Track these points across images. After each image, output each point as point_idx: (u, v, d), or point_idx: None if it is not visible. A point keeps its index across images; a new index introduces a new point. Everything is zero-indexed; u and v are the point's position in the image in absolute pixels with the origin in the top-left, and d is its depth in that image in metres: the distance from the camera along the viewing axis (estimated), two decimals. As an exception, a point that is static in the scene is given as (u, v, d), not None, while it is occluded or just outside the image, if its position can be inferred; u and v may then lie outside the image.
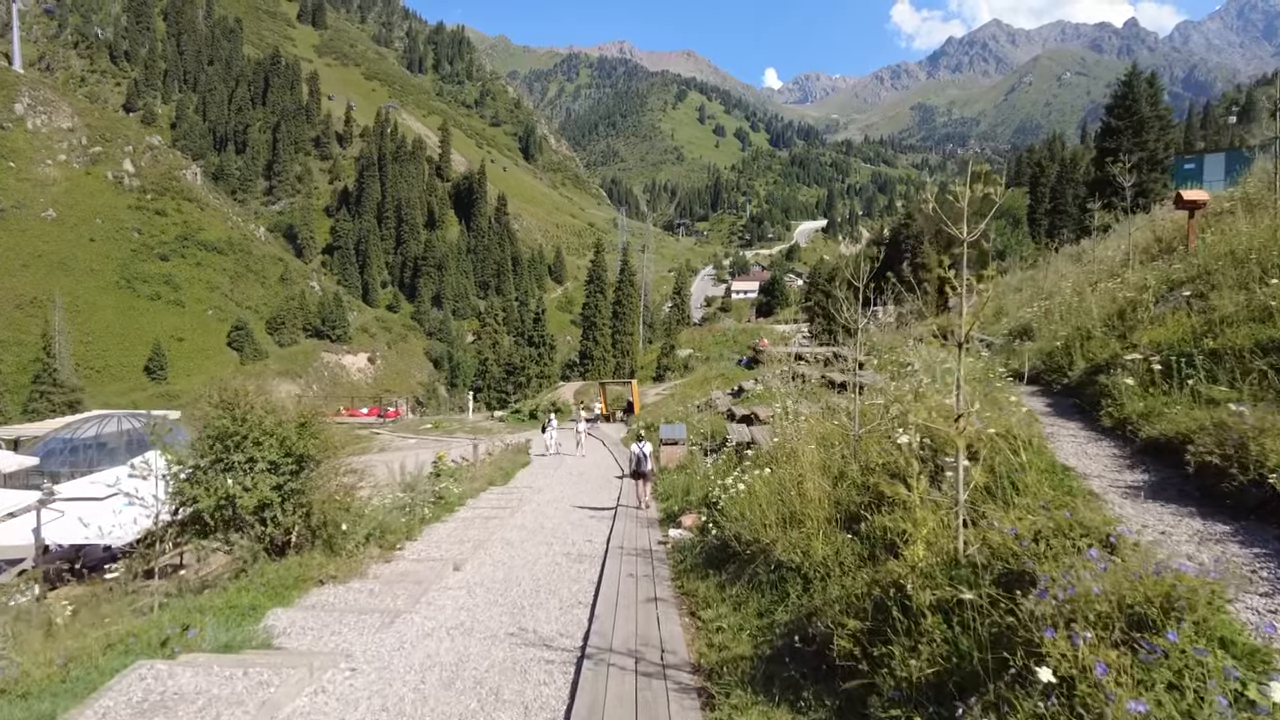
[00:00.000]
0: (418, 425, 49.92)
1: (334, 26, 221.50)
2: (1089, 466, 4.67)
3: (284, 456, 7.07)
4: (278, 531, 7.10)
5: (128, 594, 6.70)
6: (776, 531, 5.77)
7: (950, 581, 3.27)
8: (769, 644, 4.34)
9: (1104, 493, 3.98)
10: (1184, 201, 11.29)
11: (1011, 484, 4.10)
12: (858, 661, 3.32)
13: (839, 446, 6.71)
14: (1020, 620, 2.43)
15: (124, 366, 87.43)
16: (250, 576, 6.81)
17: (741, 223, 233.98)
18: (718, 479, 9.28)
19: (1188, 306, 7.27)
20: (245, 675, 4.35)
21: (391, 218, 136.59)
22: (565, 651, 5.31)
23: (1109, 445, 5.31)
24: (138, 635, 4.95)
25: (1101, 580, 2.31)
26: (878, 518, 4.75)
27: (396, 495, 10.43)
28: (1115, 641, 2.08)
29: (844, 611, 3.66)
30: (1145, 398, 5.50)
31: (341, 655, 5.19)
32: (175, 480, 7.03)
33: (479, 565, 8.38)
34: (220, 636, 5.19)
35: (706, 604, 5.79)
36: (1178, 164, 30.75)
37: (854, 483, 5.74)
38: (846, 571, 4.44)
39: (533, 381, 69.41)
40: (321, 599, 6.75)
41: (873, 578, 3.86)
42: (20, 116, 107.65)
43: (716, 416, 19.90)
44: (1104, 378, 6.79)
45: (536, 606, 6.63)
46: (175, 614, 5.54)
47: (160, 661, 4.46)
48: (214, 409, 6.99)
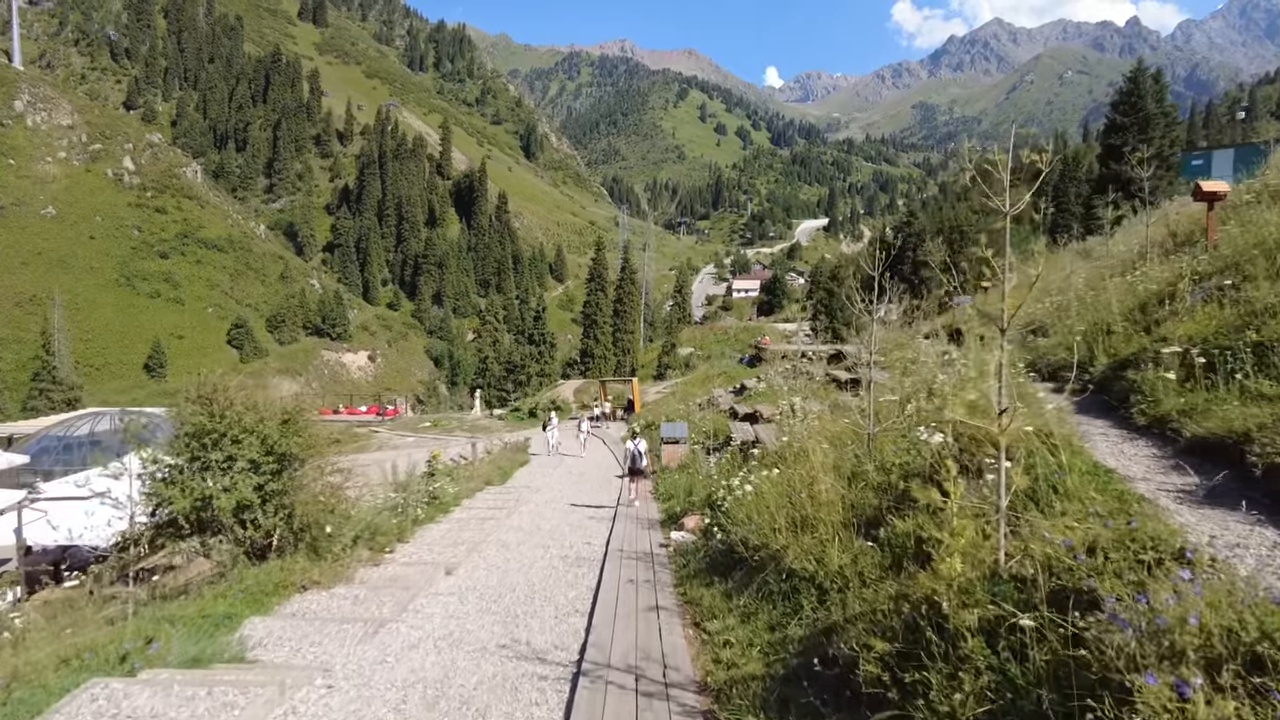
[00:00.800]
0: (416, 423, 49.57)
1: (335, 24, 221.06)
2: (1130, 468, 4.28)
3: (265, 455, 6.69)
4: (258, 534, 6.72)
5: (100, 601, 6.32)
6: (787, 536, 5.39)
7: (993, 599, 2.89)
8: (782, 662, 3.96)
9: (1154, 497, 3.60)
10: (1203, 193, 10.88)
11: (1051, 487, 3.72)
12: (886, 689, 2.94)
13: (851, 445, 6.34)
14: (1094, 653, 2.05)
15: (124, 364, 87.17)
16: (229, 582, 6.44)
17: (743, 221, 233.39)
18: (722, 479, 8.90)
19: (1220, 298, 6.88)
20: (209, 695, 3.97)
21: (392, 216, 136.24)
22: (560, 666, 4.93)
23: (1146, 444, 4.93)
24: (96, 650, 4.57)
25: (1191, 606, 1.92)
26: (900, 523, 4.37)
27: (388, 495, 10.05)
28: (1227, 686, 1.69)
29: (869, 630, 3.27)
30: (1184, 393, 5.11)
31: (319, 670, 4.81)
32: (151, 480, 6.66)
33: (472, 569, 8.00)
34: (189, 649, 4.81)
35: (712, 614, 5.40)
36: (1185, 160, 30.37)
37: (870, 484, 5.36)
38: (867, 583, 4.06)
39: (533, 380, 69.09)
40: (303, 606, 6.38)
41: (899, 591, 3.48)
42: (20, 113, 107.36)
43: (719, 415, 19.52)
44: (1133, 373, 6.41)
45: (531, 615, 6.25)
46: (142, 624, 5.16)
47: (116, 680, 4.08)
48: (191, 404, 6.61)
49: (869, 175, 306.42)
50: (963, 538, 3.03)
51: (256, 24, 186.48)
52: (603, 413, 41.33)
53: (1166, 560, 2.44)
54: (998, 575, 3.04)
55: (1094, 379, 7.61)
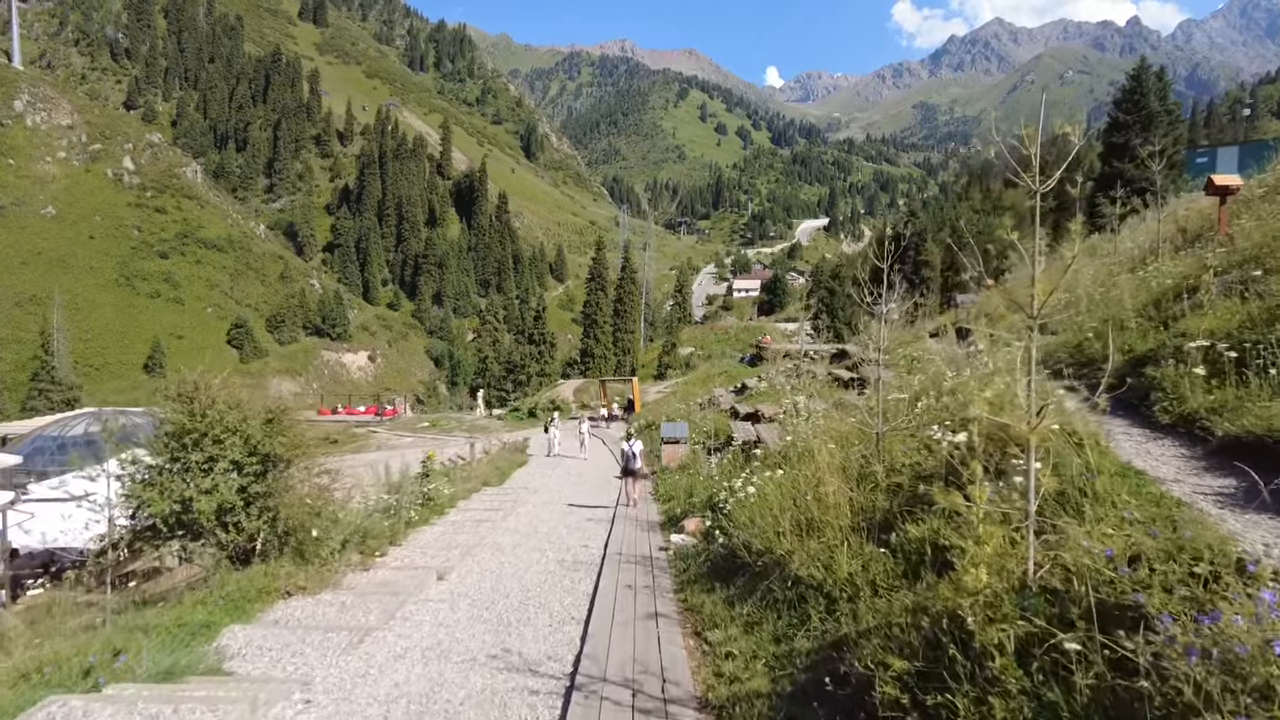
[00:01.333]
0: (415, 423, 49.31)
1: (335, 24, 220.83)
2: (1160, 469, 4.02)
3: (248, 456, 6.43)
4: (241, 538, 6.46)
5: (72, 609, 6.06)
6: (792, 541, 5.13)
7: (1022, 613, 2.63)
8: (789, 678, 3.69)
9: (1193, 501, 3.33)
10: (1216, 187, 10.65)
11: (1079, 490, 3.46)
12: (906, 712, 2.68)
13: (859, 446, 6.07)
14: (1154, 684, 1.78)
15: (123, 364, 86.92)
16: (210, 588, 6.18)
17: (743, 221, 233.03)
18: (723, 480, 8.65)
19: (1243, 292, 6.62)
20: (175, 713, 3.71)
21: (392, 216, 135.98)
22: (553, 679, 4.67)
23: (1172, 444, 4.66)
24: (59, 663, 4.30)
25: (1272, 631, 1.65)
26: (913, 527, 4.11)
27: (380, 497, 9.78)
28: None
29: (885, 647, 3.01)
30: (1213, 390, 4.85)
31: (298, 683, 4.55)
32: (130, 482, 6.40)
33: (465, 574, 7.74)
34: (161, 661, 4.55)
35: (713, 623, 5.14)
36: (1190, 157, 30.13)
37: (879, 486, 5.10)
38: (879, 592, 3.80)
39: (533, 379, 68.80)
40: (287, 613, 6.12)
41: (916, 603, 3.22)
42: (20, 113, 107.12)
43: (719, 414, 19.26)
44: (1152, 369, 6.15)
45: (524, 622, 5.98)
46: (113, 634, 4.90)
47: (77, 697, 3.82)
48: (170, 402, 6.35)
49: (869, 175, 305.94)
50: (988, 545, 2.76)
51: (257, 24, 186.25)
52: (609, 414, 39.60)
53: (1224, 574, 2.17)
54: (1027, 587, 2.78)
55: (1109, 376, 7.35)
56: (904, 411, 6.17)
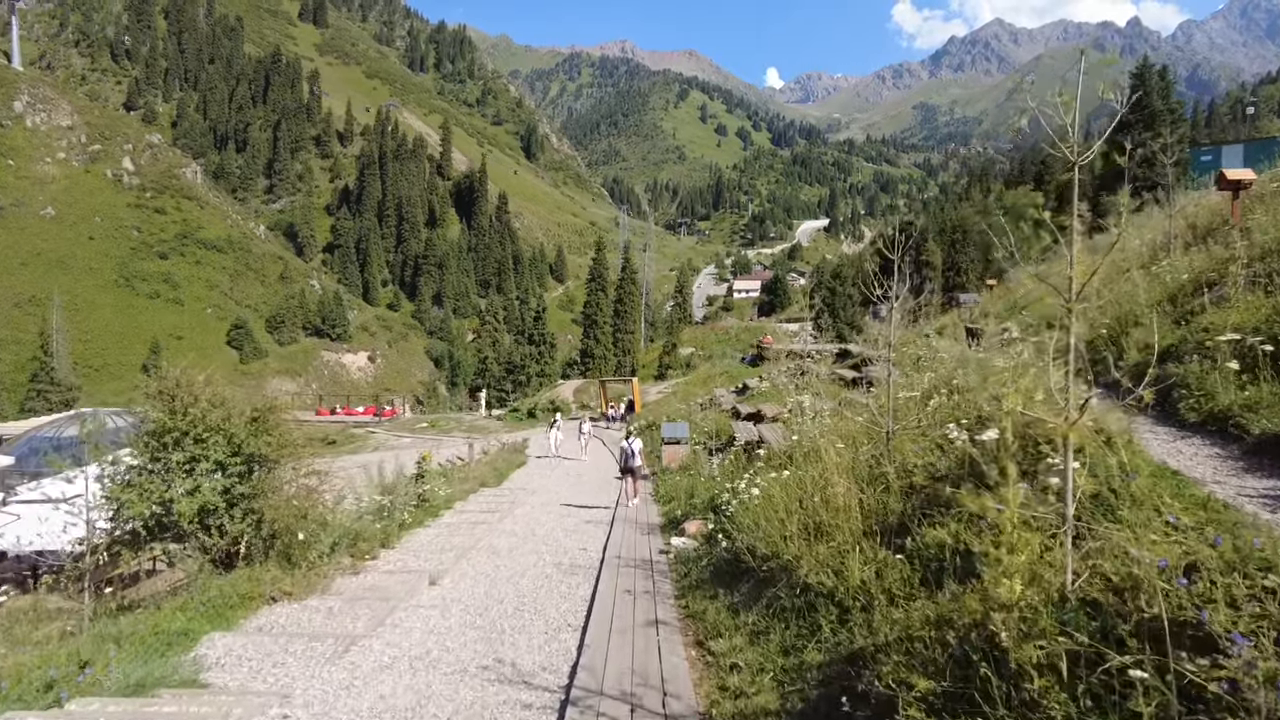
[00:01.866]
0: (414, 424, 49.06)
1: (335, 25, 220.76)
2: (1195, 469, 3.76)
3: (231, 456, 6.18)
4: (224, 541, 6.21)
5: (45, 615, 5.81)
6: (799, 545, 4.87)
7: (1062, 629, 2.37)
8: (799, 694, 3.44)
9: (1237, 503, 3.08)
10: (1229, 181, 10.43)
11: (1112, 491, 3.20)
12: (933, 739, 2.43)
13: (867, 446, 5.82)
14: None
15: (122, 365, 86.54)
16: (190, 593, 5.92)
17: (743, 222, 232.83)
18: (725, 481, 8.39)
19: (1267, 285, 6.36)
20: (139, 731, 3.46)
21: (392, 216, 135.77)
22: (547, 691, 4.41)
23: (1204, 443, 4.41)
24: (20, 676, 4.05)
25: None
26: (931, 532, 3.85)
27: (373, 498, 9.53)
28: None
29: (906, 664, 2.75)
30: (1245, 386, 4.60)
31: (276, 696, 4.29)
32: (109, 484, 6.15)
33: (458, 578, 7.48)
34: (132, 673, 4.29)
35: (717, 632, 4.88)
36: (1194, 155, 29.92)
37: (891, 488, 4.84)
38: (895, 601, 3.54)
39: (533, 380, 68.57)
40: (271, 620, 5.86)
41: (939, 615, 2.96)
42: (20, 114, 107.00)
43: (721, 415, 19.01)
44: (1173, 366, 5.90)
45: (518, 630, 5.72)
46: (83, 644, 4.64)
47: (34, 714, 3.57)
48: (150, 400, 6.10)
49: (870, 176, 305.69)
50: (1023, 554, 2.50)
51: (257, 25, 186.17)
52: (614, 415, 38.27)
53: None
54: (1065, 600, 2.52)
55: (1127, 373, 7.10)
56: (915, 410, 5.92)
